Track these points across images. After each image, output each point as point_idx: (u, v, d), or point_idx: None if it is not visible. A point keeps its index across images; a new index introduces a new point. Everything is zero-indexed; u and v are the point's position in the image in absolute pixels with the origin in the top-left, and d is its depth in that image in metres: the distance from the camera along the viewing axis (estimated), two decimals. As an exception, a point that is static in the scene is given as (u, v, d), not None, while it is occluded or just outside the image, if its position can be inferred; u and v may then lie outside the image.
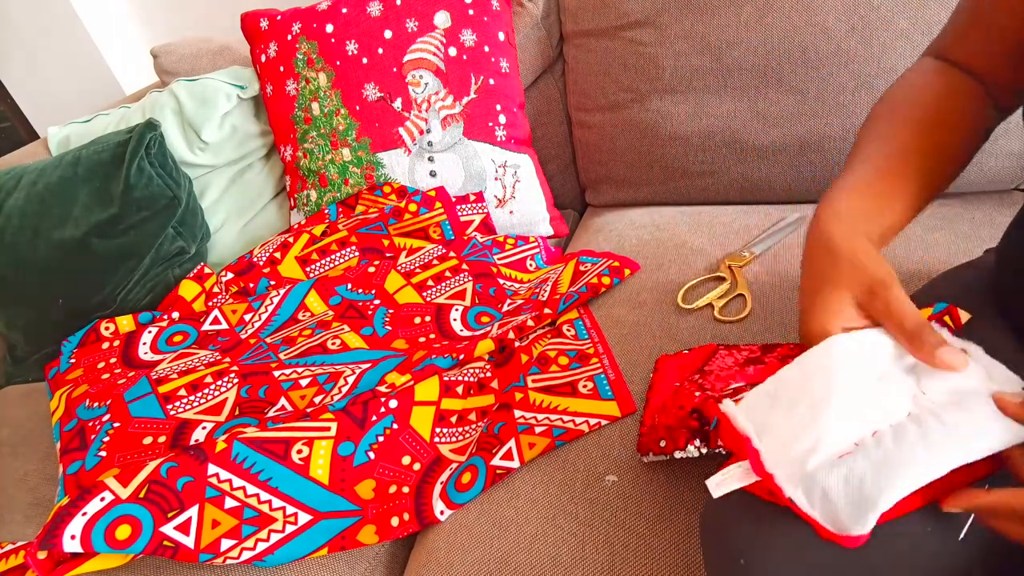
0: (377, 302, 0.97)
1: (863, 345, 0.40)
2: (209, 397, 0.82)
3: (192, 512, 0.66)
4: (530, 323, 0.83)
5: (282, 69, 1.13)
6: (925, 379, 0.39)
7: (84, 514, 0.64)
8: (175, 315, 1.01)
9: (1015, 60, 0.49)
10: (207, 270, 1.11)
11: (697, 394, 0.60)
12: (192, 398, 0.81)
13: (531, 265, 1.04)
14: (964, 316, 0.45)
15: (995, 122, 0.52)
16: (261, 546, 0.66)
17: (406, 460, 0.73)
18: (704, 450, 0.55)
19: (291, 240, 1.09)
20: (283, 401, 0.80)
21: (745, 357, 0.66)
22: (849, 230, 0.43)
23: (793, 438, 0.38)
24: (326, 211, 1.12)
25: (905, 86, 0.53)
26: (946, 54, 0.54)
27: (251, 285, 1.06)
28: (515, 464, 0.68)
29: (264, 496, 0.68)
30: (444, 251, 1.02)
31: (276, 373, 0.83)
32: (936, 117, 0.50)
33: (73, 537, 0.63)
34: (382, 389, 0.78)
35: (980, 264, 0.58)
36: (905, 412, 0.38)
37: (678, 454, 0.56)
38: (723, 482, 0.39)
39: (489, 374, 0.81)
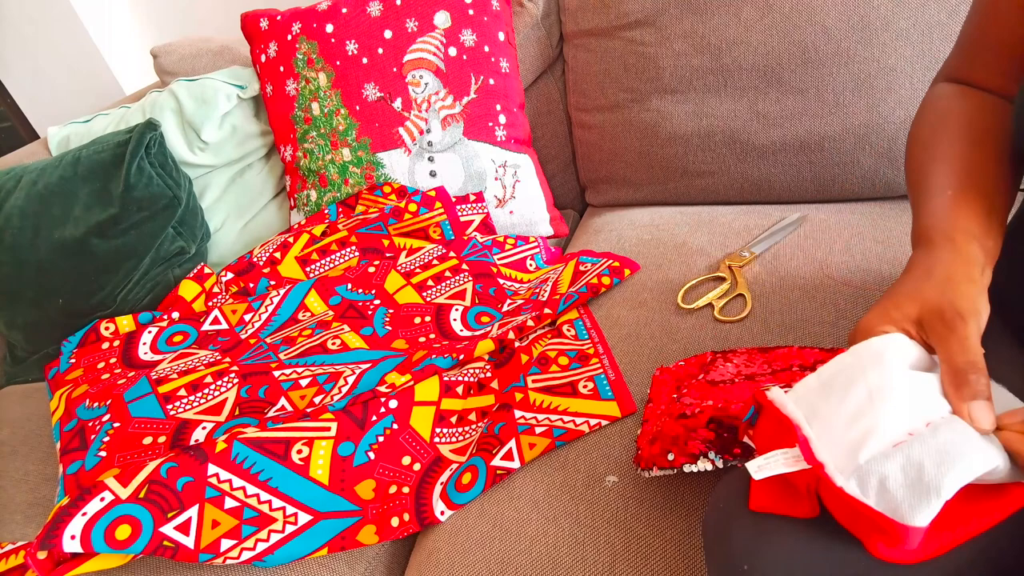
0: (377, 302, 0.97)
1: (914, 347, 0.39)
2: (209, 397, 0.81)
3: (192, 512, 0.66)
4: (530, 323, 0.83)
5: (282, 69, 1.13)
6: None
7: (84, 514, 0.64)
8: (175, 315, 1.01)
9: None
10: (207, 270, 1.11)
11: (710, 401, 0.58)
12: (192, 398, 0.81)
13: (531, 265, 1.04)
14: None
15: None
16: (261, 546, 0.66)
17: (406, 460, 0.73)
18: (720, 463, 0.52)
19: (291, 240, 1.09)
20: (283, 401, 0.80)
21: (744, 361, 0.66)
22: (960, 259, 0.41)
23: (845, 426, 0.37)
24: (326, 211, 1.12)
25: (933, 112, 0.52)
26: (959, 76, 0.54)
27: (251, 285, 1.06)
28: (515, 464, 0.68)
29: (264, 496, 0.68)
30: (444, 251, 1.02)
31: (276, 373, 0.83)
32: (982, 128, 0.49)
33: (73, 537, 0.62)
34: (382, 389, 0.78)
35: None
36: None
37: (688, 468, 0.53)
38: (765, 466, 0.37)
39: (489, 374, 0.81)
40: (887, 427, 0.36)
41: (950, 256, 0.41)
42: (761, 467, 0.37)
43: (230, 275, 1.08)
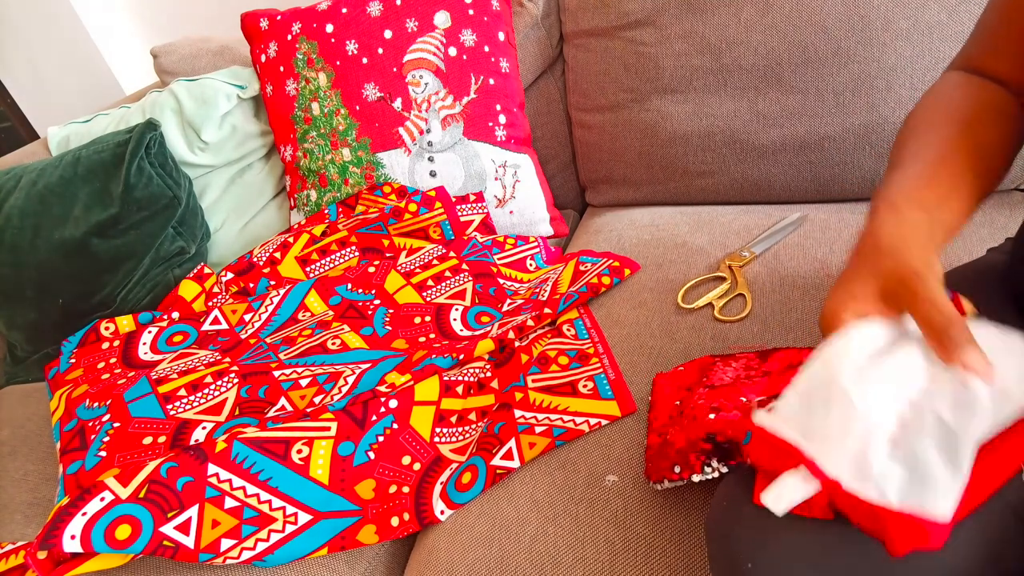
0: (377, 302, 0.97)
1: (877, 333, 0.39)
2: (209, 397, 0.81)
3: (192, 512, 0.66)
4: (530, 323, 0.83)
5: (282, 69, 1.13)
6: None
7: (84, 514, 0.64)
8: (175, 315, 1.01)
9: None
10: (207, 270, 1.11)
11: (711, 416, 0.58)
12: (192, 398, 0.81)
13: (531, 265, 1.04)
14: (968, 306, 0.44)
15: None
16: (261, 546, 0.66)
17: (406, 460, 0.73)
18: (724, 469, 0.53)
19: (291, 240, 1.09)
20: (283, 401, 0.80)
21: (744, 365, 0.66)
22: (903, 223, 0.41)
23: (840, 437, 0.37)
24: (326, 211, 1.12)
25: (935, 95, 0.53)
26: (972, 65, 0.54)
27: (251, 285, 1.06)
28: (515, 464, 0.68)
29: (264, 496, 0.68)
30: (444, 251, 1.02)
31: (276, 373, 0.83)
32: (974, 116, 0.48)
33: (73, 537, 0.62)
34: (382, 389, 0.78)
35: (983, 263, 0.58)
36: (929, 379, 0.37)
37: (696, 478, 0.54)
38: (782, 495, 0.37)
39: (489, 374, 0.81)
40: (878, 427, 0.36)
41: (894, 222, 0.41)
42: (779, 497, 0.37)
43: (230, 275, 1.08)
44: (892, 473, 0.35)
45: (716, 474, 0.53)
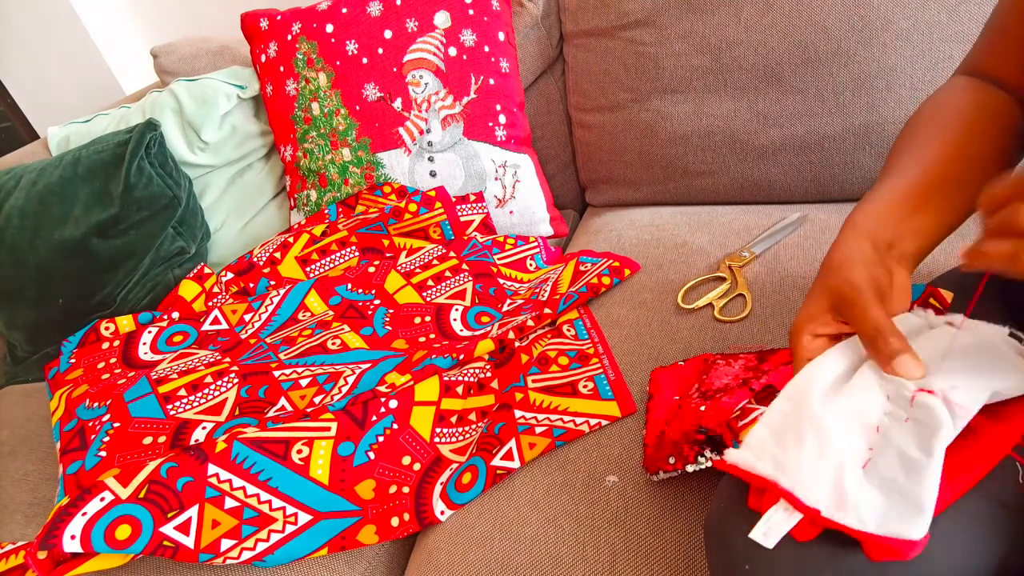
0: (377, 302, 0.97)
1: (838, 357, 0.41)
2: (209, 397, 0.81)
3: (192, 512, 0.66)
4: (530, 323, 0.83)
5: (282, 69, 1.13)
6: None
7: (84, 514, 0.64)
8: (175, 315, 1.01)
9: None
10: (207, 270, 1.11)
11: (702, 408, 0.59)
12: (192, 398, 0.81)
13: (531, 265, 1.04)
14: (948, 296, 0.45)
15: None
16: (261, 546, 0.66)
17: (406, 460, 0.73)
18: (717, 457, 0.54)
19: (291, 240, 1.09)
20: (283, 401, 0.80)
21: (742, 366, 0.66)
22: (857, 239, 0.43)
23: (813, 469, 0.38)
24: (326, 211, 1.12)
25: (933, 102, 0.53)
26: (978, 69, 0.54)
27: (251, 285, 1.06)
28: (515, 464, 0.68)
29: (264, 496, 0.68)
30: (444, 251, 1.02)
31: (276, 373, 0.83)
32: (967, 125, 0.49)
33: (73, 537, 0.62)
34: (382, 389, 0.78)
35: None
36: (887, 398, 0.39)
37: (690, 468, 0.56)
38: (770, 531, 0.38)
39: (489, 374, 0.81)
40: (849, 454, 0.38)
41: (846, 240, 0.43)
42: (767, 532, 0.38)
43: (230, 275, 1.08)
44: (869, 499, 0.36)
45: (709, 464, 0.55)
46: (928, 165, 0.47)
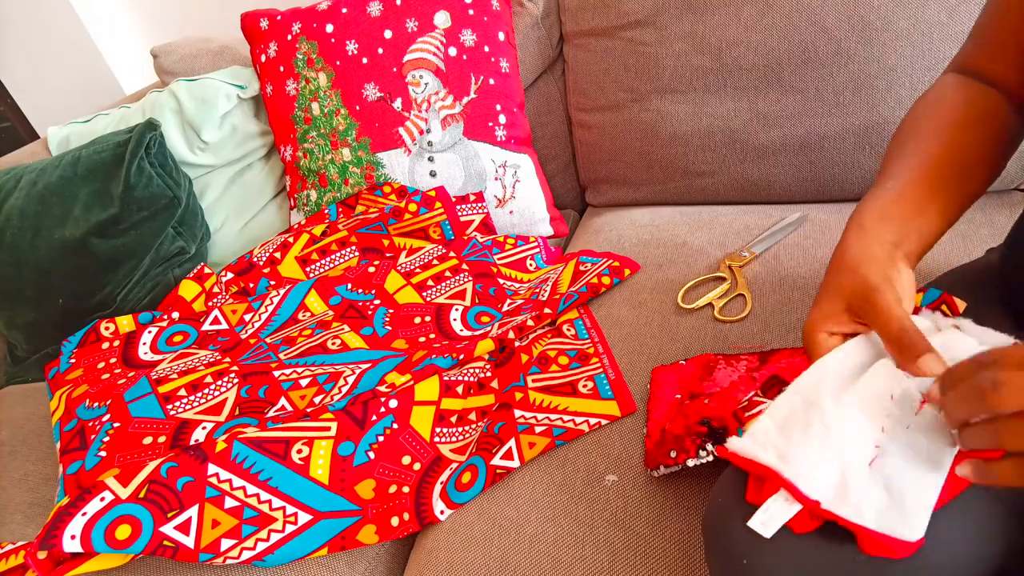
0: (377, 302, 0.97)
1: (850, 354, 0.41)
2: (209, 397, 0.81)
3: (192, 512, 0.66)
4: (530, 323, 0.83)
5: (282, 69, 1.13)
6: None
7: (84, 514, 0.64)
8: (175, 315, 1.01)
9: None
10: (207, 270, 1.11)
11: (706, 401, 0.60)
12: (192, 398, 0.81)
13: (531, 265, 1.04)
14: (961, 304, 0.45)
15: (1021, 128, 0.52)
16: (261, 546, 0.66)
17: (406, 460, 0.73)
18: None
19: (291, 240, 1.09)
20: (283, 401, 0.80)
21: (745, 367, 0.66)
22: (866, 240, 0.44)
23: (818, 462, 0.38)
24: (326, 211, 1.12)
25: (925, 101, 0.54)
26: (968, 67, 0.54)
27: (251, 285, 1.06)
28: (515, 464, 0.68)
29: (264, 496, 0.68)
30: (444, 251, 1.02)
31: (276, 373, 0.83)
32: (958, 122, 0.50)
33: (73, 537, 0.62)
34: (382, 389, 0.78)
35: (982, 263, 0.58)
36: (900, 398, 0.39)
37: (691, 462, 0.56)
38: (769, 520, 0.38)
39: (489, 374, 0.81)
40: (856, 451, 0.38)
41: (857, 241, 0.44)
42: (765, 522, 0.39)
43: (230, 275, 1.08)
44: (871, 496, 0.37)
45: (711, 457, 0.55)
46: (926, 165, 0.47)
